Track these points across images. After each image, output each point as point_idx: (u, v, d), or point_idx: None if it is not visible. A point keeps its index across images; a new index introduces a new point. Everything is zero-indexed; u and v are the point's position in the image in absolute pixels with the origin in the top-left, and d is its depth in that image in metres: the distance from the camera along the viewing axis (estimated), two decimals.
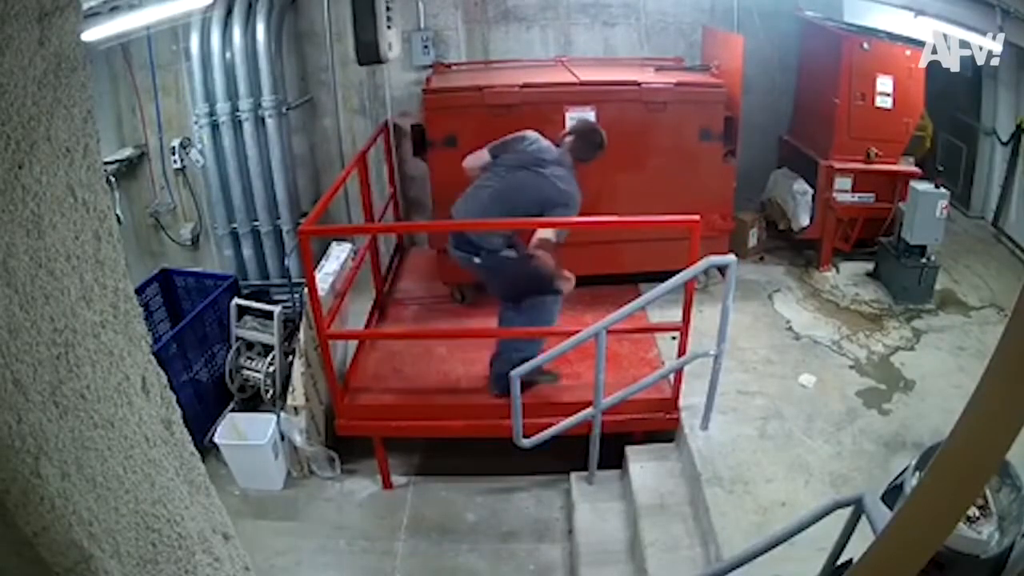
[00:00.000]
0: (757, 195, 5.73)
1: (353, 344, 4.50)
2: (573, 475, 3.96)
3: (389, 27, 3.23)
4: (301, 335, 4.16)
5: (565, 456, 3.93)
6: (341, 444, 4.28)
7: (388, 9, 3.24)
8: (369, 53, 3.18)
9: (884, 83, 4.85)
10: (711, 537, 3.14)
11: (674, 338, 3.85)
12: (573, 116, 4.42)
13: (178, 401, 1.12)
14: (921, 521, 1.02)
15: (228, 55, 5.25)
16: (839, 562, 2.09)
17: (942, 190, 4.57)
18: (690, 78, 4.77)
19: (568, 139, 3.78)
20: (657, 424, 3.90)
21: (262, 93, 5.33)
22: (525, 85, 4.52)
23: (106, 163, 5.24)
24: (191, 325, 4.59)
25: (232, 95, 5.34)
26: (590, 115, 4.43)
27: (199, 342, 4.64)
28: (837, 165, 5.03)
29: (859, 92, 4.89)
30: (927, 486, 1.03)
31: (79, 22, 0.88)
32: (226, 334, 4.82)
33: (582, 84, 4.60)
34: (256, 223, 5.72)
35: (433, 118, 4.49)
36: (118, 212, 5.49)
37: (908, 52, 4.69)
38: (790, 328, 4.65)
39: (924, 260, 4.73)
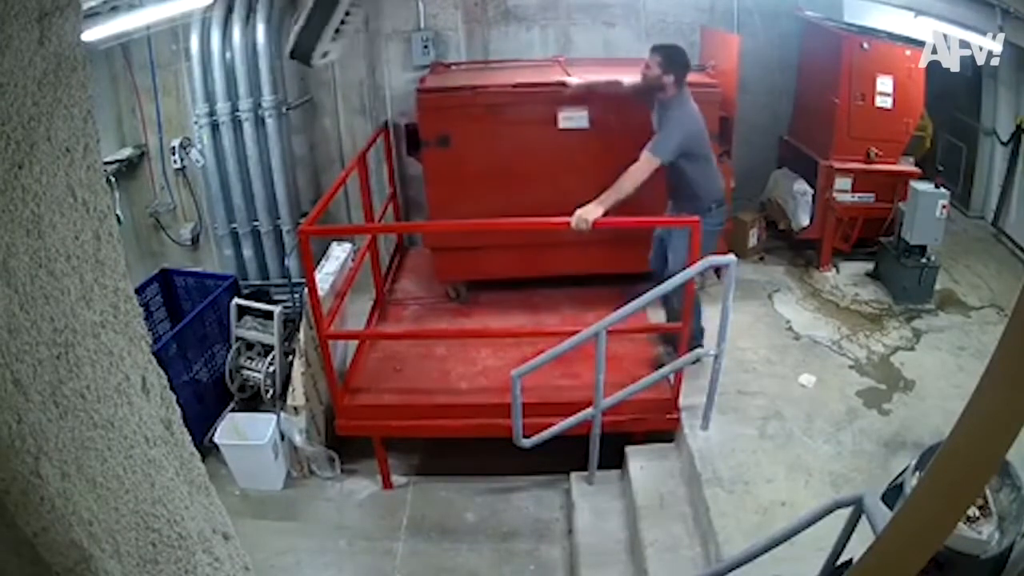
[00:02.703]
0: (757, 195, 5.73)
1: (353, 344, 4.50)
2: (573, 475, 3.96)
3: (335, 38, 3.23)
4: (301, 335, 4.16)
5: (565, 456, 3.93)
6: (341, 444, 4.28)
7: (343, 23, 3.23)
8: (302, 53, 3.23)
9: (884, 83, 4.84)
10: (711, 537, 3.14)
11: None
12: (566, 115, 4.42)
13: (178, 401, 1.12)
14: (921, 521, 1.02)
15: (228, 55, 5.25)
16: (839, 562, 2.09)
17: (942, 190, 4.57)
18: None
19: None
20: (657, 424, 3.89)
21: (262, 93, 5.33)
22: (517, 85, 4.51)
23: (106, 163, 5.24)
24: (191, 325, 4.59)
25: (232, 95, 5.34)
26: (583, 115, 4.43)
27: (199, 342, 4.64)
28: (837, 165, 5.02)
29: (859, 92, 4.89)
30: (927, 486, 1.03)
31: (79, 22, 0.88)
32: (226, 334, 4.82)
33: None
34: (256, 223, 5.72)
35: (426, 118, 4.48)
36: (118, 212, 5.49)
37: (908, 52, 4.68)
38: (790, 328, 4.65)
39: (924, 260, 4.73)
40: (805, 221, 5.25)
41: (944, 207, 4.57)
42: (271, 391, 4.58)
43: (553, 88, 4.53)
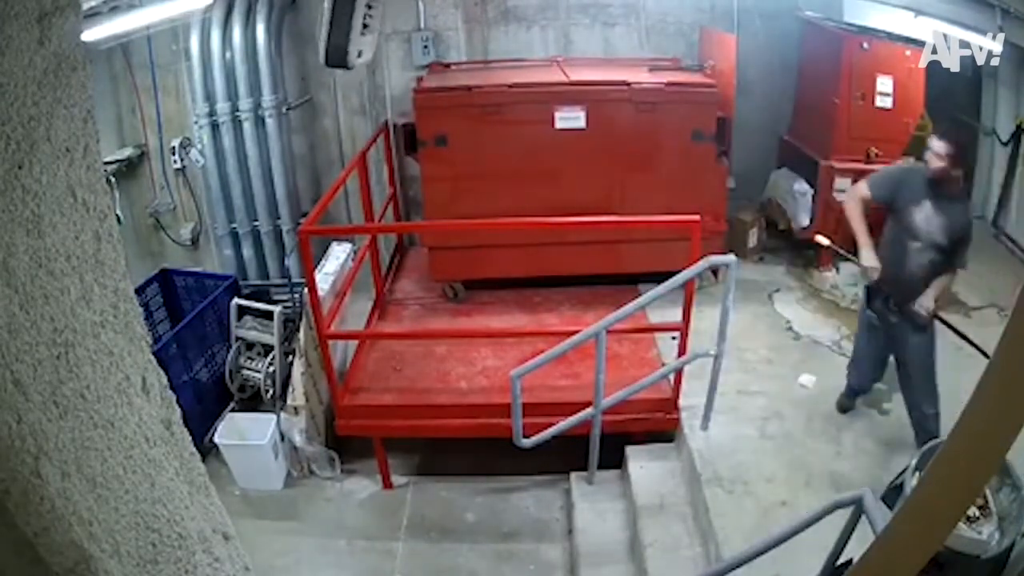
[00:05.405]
0: (757, 195, 5.73)
1: (353, 344, 4.50)
2: (573, 475, 3.96)
3: (364, 34, 3.19)
4: (301, 335, 4.16)
5: (565, 456, 3.93)
6: (341, 444, 4.28)
7: (366, 17, 3.19)
8: (338, 56, 3.16)
9: (884, 83, 4.84)
10: (711, 537, 3.14)
11: (674, 338, 3.85)
12: (563, 116, 4.42)
13: (178, 401, 1.12)
14: (921, 521, 1.02)
15: (228, 55, 5.25)
16: (839, 562, 2.09)
17: None
18: (681, 78, 4.74)
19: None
20: (657, 424, 3.89)
21: (262, 93, 5.33)
22: (514, 85, 4.52)
23: (106, 163, 5.24)
24: (191, 325, 4.59)
25: (232, 95, 5.34)
26: (580, 115, 4.42)
27: (199, 342, 4.64)
28: (837, 165, 5.02)
29: (859, 92, 4.89)
30: (927, 486, 1.03)
31: (79, 22, 0.88)
32: (226, 334, 4.82)
33: (571, 84, 4.59)
34: (256, 223, 5.72)
35: (423, 117, 4.48)
36: (118, 212, 5.49)
37: (908, 52, 4.68)
38: (790, 328, 4.65)
39: None
40: (805, 221, 5.25)
41: None
42: (271, 391, 4.58)
43: (550, 88, 4.53)
